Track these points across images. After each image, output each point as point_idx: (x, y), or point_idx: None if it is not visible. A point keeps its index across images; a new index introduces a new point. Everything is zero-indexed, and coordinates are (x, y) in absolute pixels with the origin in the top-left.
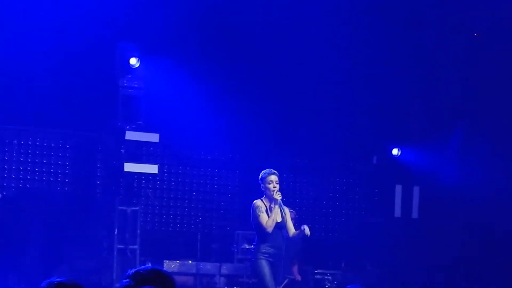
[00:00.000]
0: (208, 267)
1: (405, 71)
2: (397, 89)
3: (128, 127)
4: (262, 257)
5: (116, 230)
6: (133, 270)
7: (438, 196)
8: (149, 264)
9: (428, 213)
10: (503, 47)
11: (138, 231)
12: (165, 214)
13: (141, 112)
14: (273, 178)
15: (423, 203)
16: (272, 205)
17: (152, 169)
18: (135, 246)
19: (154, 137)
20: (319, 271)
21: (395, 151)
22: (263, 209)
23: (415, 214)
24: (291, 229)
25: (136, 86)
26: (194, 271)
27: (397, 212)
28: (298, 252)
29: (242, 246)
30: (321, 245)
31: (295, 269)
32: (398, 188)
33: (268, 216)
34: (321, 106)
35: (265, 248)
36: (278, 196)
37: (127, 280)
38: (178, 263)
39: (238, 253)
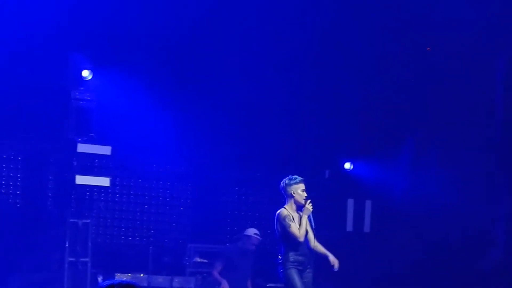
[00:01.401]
0: (159, 280)
1: (356, 85)
2: (348, 103)
3: (80, 139)
4: (291, 266)
5: (67, 243)
6: (107, 283)
7: (389, 209)
8: (101, 277)
9: (380, 226)
10: (452, 62)
11: (89, 244)
12: (116, 227)
13: (93, 124)
14: (303, 186)
15: (375, 217)
16: (300, 214)
17: (104, 181)
18: (86, 259)
19: (106, 150)
20: (271, 284)
21: (347, 165)
22: (291, 217)
23: (367, 228)
24: (312, 240)
25: (88, 98)
26: (145, 284)
27: (349, 226)
28: (251, 266)
29: (194, 259)
30: (272, 259)
31: (249, 283)
32: (350, 202)
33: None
34: (273, 121)
35: (294, 256)
36: (310, 207)
37: None
38: (129, 276)
39: (190, 266)
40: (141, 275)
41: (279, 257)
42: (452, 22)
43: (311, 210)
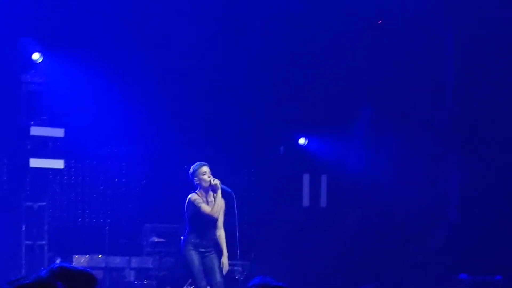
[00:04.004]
0: (117, 260)
1: (308, 59)
2: (301, 77)
3: (32, 122)
4: (191, 248)
5: (23, 226)
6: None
7: (345, 183)
8: (59, 259)
9: (336, 201)
10: (405, 32)
11: (46, 227)
12: (72, 209)
13: (45, 107)
14: (206, 169)
15: (331, 192)
16: (209, 195)
17: (58, 164)
18: (43, 242)
19: (59, 132)
20: (228, 261)
21: (301, 141)
22: (200, 200)
23: (323, 202)
24: (220, 223)
25: (40, 81)
26: (103, 265)
27: (306, 201)
28: None
29: (151, 239)
30: (229, 236)
31: None
32: (306, 177)
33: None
34: (227, 97)
35: (195, 239)
36: (217, 181)
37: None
38: (87, 257)
39: (147, 246)
40: (99, 256)
41: (181, 238)
42: None
43: (218, 182)
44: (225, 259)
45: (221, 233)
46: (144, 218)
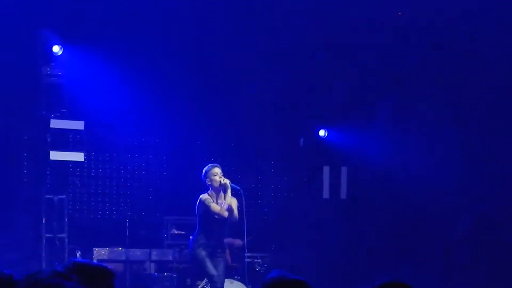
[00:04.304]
0: (137, 253)
1: (329, 50)
2: (321, 69)
3: (52, 115)
4: (199, 246)
5: (43, 219)
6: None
7: (365, 175)
8: (79, 252)
9: (356, 193)
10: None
11: (66, 220)
12: (93, 202)
13: (65, 100)
14: (217, 170)
15: (351, 184)
16: (220, 197)
17: (78, 156)
18: (64, 235)
19: (79, 125)
20: (249, 254)
21: (321, 132)
22: (211, 200)
23: (343, 194)
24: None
25: (60, 74)
26: (123, 258)
27: (326, 193)
28: (229, 236)
29: (171, 231)
30: (250, 228)
31: (227, 252)
32: (326, 169)
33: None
34: (246, 90)
35: (204, 239)
36: (226, 181)
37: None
38: (107, 250)
39: (167, 239)
40: (119, 249)
41: (190, 237)
42: None
43: (228, 182)
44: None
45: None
46: (164, 210)
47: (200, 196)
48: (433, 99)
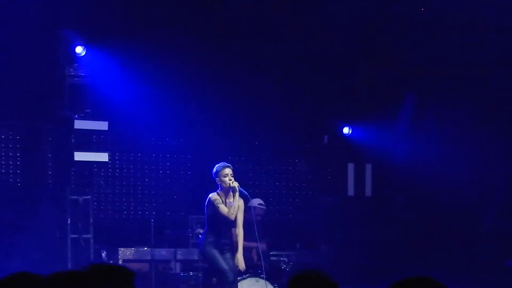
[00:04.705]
0: (163, 252)
1: (352, 47)
2: (345, 66)
3: (76, 116)
4: (209, 243)
5: (69, 220)
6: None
7: (390, 172)
8: (105, 252)
9: (381, 190)
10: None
11: (91, 220)
12: (117, 202)
13: (88, 100)
14: (228, 171)
15: (376, 180)
16: (229, 196)
17: (103, 157)
18: (89, 235)
19: (103, 125)
20: (274, 252)
21: (346, 130)
22: (220, 201)
23: (368, 192)
24: (240, 221)
25: (83, 74)
26: (149, 257)
27: (350, 191)
28: (257, 236)
29: (196, 231)
30: (275, 227)
31: (254, 252)
32: (351, 167)
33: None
34: (270, 88)
35: (213, 237)
36: (235, 184)
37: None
38: (133, 250)
39: (192, 238)
40: (145, 248)
41: (199, 236)
42: None
43: (237, 185)
44: (239, 256)
45: (239, 232)
46: (189, 209)
47: (210, 196)
48: (457, 96)
